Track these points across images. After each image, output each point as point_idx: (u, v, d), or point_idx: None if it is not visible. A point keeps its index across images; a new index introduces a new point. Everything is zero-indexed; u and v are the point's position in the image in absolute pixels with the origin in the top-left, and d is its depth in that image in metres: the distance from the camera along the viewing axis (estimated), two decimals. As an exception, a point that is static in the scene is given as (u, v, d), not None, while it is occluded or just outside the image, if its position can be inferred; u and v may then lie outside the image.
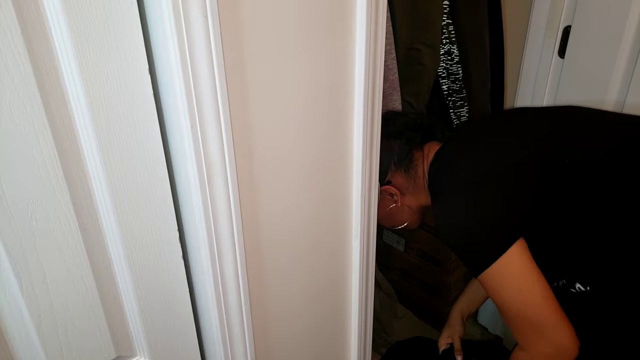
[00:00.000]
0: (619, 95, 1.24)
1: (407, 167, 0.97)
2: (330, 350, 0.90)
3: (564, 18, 1.29)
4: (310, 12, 0.58)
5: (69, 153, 0.47)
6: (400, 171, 0.97)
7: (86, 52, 0.44)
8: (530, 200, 0.79)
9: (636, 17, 1.15)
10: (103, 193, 0.50)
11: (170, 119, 0.53)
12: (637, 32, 1.16)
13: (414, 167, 0.97)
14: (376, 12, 0.63)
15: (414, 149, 0.97)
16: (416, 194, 0.98)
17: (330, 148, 0.69)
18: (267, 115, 0.60)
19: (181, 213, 0.59)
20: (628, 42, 1.18)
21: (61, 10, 0.41)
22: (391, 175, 0.98)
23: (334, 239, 0.78)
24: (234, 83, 0.54)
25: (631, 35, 1.17)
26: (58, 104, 0.45)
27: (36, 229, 0.47)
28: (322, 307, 0.82)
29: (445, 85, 1.24)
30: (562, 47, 1.31)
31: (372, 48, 0.65)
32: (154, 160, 0.52)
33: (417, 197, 0.99)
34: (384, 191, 0.98)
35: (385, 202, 1.01)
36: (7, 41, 0.40)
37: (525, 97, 1.44)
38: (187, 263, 0.62)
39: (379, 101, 0.71)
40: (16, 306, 0.48)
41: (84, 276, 0.52)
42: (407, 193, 0.99)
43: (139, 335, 0.60)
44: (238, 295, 0.64)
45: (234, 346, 0.68)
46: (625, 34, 1.17)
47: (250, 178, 0.61)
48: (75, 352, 0.54)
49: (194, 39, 0.48)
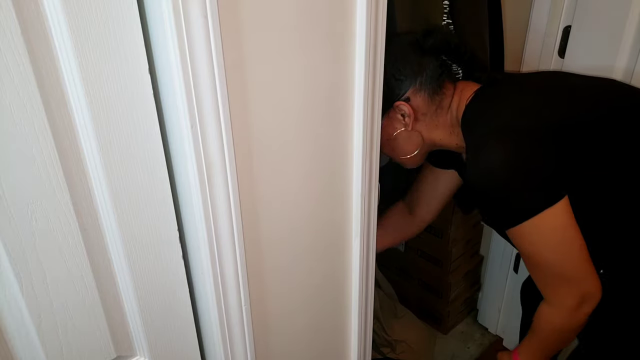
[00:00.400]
0: (619, 95, 1.24)
1: (433, 91, 0.85)
2: (331, 350, 0.90)
3: (564, 18, 1.29)
4: (310, 12, 0.58)
5: (69, 153, 0.47)
6: (423, 92, 0.85)
7: (86, 52, 0.44)
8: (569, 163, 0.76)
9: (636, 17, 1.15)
10: (103, 193, 0.50)
11: (170, 119, 0.53)
12: (638, 32, 1.16)
13: (440, 95, 0.86)
14: (376, 12, 0.63)
15: (447, 78, 0.87)
16: (433, 125, 0.88)
17: (330, 148, 0.69)
18: (267, 115, 0.60)
19: (181, 213, 0.59)
20: (628, 42, 1.18)
21: (61, 10, 0.41)
22: (411, 93, 0.86)
23: (334, 239, 0.78)
24: (234, 83, 0.54)
25: (631, 35, 1.17)
26: (58, 104, 0.45)
27: (36, 229, 0.47)
28: (322, 307, 0.82)
29: (445, 85, 1.24)
30: (562, 47, 1.31)
31: (372, 48, 0.65)
32: (154, 160, 0.52)
33: (433, 129, 0.89)
34: (397, 108, 0.87)
35: (393, 122, 0.89)
36: (7, 41, 0.40)
37: (525, 97, 1.44)
38: (187, 263, 0.62)
39: (379, 101, 0.71)
40: (16, 306, 0.48)
41: (84, 276, 0.52)
42: (423, 120, 0.88)
43: (139, 335, 0.60)
44: (238, 295, 0.64)
45: (234, 346, 0.68)
46: (626, 34, 1.17)
47: (250, 178, 0.61)
48: (75, 352, 0.54)
49: (194, 39, 0.48)
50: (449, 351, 1.70)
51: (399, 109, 0.87)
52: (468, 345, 1.73)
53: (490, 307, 1.75)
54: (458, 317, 1.80)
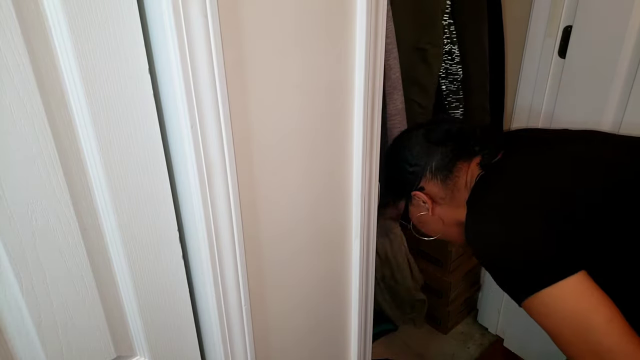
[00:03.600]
0: (620, 96, 1.23)
1: (445, 176, 0.90)
2: (331, 350, 0.90)
3: (564, 18, 1.29)
4: (310, 11, 0.58)
5: (69, 153, 0.47)
6: (436, 179, 0.91)
7: (86, 52, 0.44)
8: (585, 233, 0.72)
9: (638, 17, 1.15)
10: (103, 193, 0.50)
11: (170, 119, 0.53)
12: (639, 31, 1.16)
13: (453, 179, 0.90)
14: (376, 11, 0.63)
15: (458, 160, 0.90)
16: (454, 205, 0.91)
17: (330, 148, 0.69)
18: (267, 115, 0.60)
19: (181, 213, 0.59)
20: (630, 42, 1.17)
21: (61, 10, 0.41)
22: (425, 182, 0.92)
23: (334, 239, 0.78)
24: (234, 83, 0.54)
25: (633, 35, 1.16)
26: (58, 104, 0.45)
27: (36, 229, 0.47)
28: (322, 307, 0.82)
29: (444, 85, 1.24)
30: (563, 47, 1.31)
31: (372, 48, 0.65)
32: (154, 160, 0.52)
33: (455, 209, 0.91)
34: (415, 197, 0.94)
35: (417, 208, 0.96)
36: (7, 41, 0.40)
37: (525, 97, 1.44)
38: (187, 263, 0.62)
39: (379, 101, 0.71)
40: (16, 306, 0.48)
41: (84, 276, 0.52)
42: (443, 203, 0.92)
43: (139, 335, 0.60)
44: (238, 295, 0.64)
45: (234, 346, 0.68)
46: (628, 34, 1.16)
47: (250, 178, 0.61)
48: (75, 352, 0.54)
49: (194, 38, 0.48)
50: (449, 351, 1.70)
51: (418, 197, 0.93)
52: (468, 345, 1.73)
53: (490, 307, 1.75)
54: (458, 317, 1.80)
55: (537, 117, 1.43)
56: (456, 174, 0.90)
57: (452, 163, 0.90)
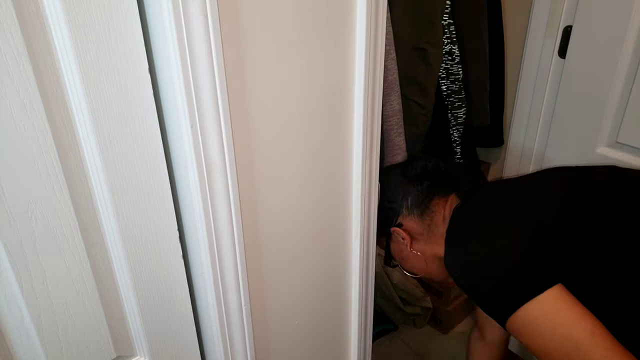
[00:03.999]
0: (621, 96, 1.23)
1: (422, 212, 0.91)
2: (331, 350, 0.90)
3: (564, 18, 1.29)
4: (311, 12, 0.58)
5: (69, 153, 0.47)
6: (413, 215, 0.92)
7: (86, 52, 0.44)
8: (558, 249, 0.71)
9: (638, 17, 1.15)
10: (103, 193, 0.50)
11: (170, 119, 0.53)
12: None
13: (430, 214, 0.90)
14: (376, 13, 0.63)
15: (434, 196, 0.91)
16: (433, 241, 0.91)
17: (330, 148, 0.69)
18: (267, 115, 0.60)
19: (181, 213, 0.59)
20: (630, 42, 1.17)
21: (61, 10, 0.41)
22: (402, 218, 0.93)
23: (334, 239, 0.78)
24: (234, 83, 0.54)
25: (634, 35, 1.16)
26: (58, 104, 0.45)
27: (36, 229, 0.47)
28: (322, 307, 0.82)
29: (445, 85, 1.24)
30: (563, 47, 1.31)
31: (372, 49, 0.65)
32: (154, 160, 0.52)
33: (432, 245, 0.91)
34: (394, 233, 0.94)
35: (398, 244, 0.96)
36: (7, 41, 0.40)
37: (525, 97, 1.44)
38: (187, 263, 0.62)
39: (379, 101, 0.71)
40: (16, 306, 0.48)
41: (84, 276, 0.52)
42: (421, 239, 0.93)
43: (139, 335, 0.60)
44: (238, 295, 0.64)
45: (234, 346, 0.68)
46: (628, 33, 1.16)
47: (250, 178, 0.61)
48: (75, 352, 0.54)
49: (194, 38, 0.48)
50: (449, 351, 1.70)
51: (397, 233, 0.94)
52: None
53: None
54: (458, 317, 1.80)
55: (537, 117, 1.43)
56: (433, 209, 0.91)
57: (428, 199, 0.91)
